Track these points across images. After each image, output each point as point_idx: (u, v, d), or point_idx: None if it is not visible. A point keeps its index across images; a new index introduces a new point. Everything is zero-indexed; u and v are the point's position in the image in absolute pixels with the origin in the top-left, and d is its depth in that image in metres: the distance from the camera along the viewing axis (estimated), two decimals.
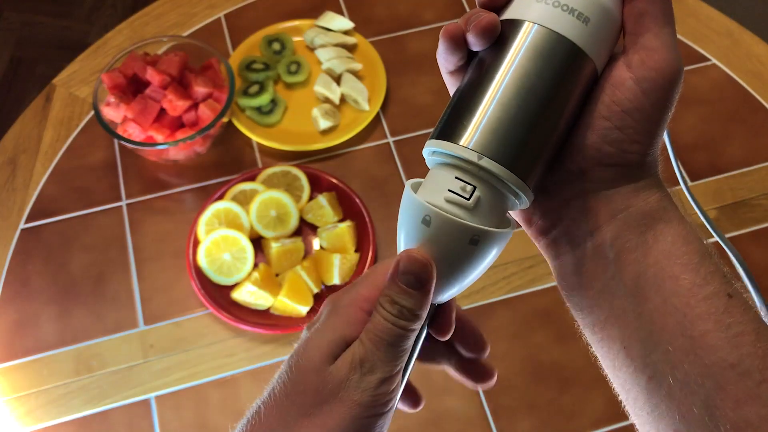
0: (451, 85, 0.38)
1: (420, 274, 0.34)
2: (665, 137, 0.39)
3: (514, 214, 0.39)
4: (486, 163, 0.32)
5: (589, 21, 0.34)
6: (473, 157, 0.32)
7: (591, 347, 0.38)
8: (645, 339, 0.33)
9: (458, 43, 0.35)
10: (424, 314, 0.35)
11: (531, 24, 0.34)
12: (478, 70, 0.35)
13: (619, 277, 0.35)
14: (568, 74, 0.33)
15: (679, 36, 1.05)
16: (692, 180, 0.93)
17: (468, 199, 0.33)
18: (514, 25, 0.34)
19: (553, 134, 0.34)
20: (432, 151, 0.35)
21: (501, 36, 0.34)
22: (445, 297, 0.36)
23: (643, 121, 0.34)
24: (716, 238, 0.41)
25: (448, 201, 0.33)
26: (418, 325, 0.35)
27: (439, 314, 0.39)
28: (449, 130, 0.33)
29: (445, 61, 0.36)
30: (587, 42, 0.34)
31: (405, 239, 0.35)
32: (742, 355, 0.31)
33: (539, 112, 0.33)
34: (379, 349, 0.34)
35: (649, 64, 0.33)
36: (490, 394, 0.79)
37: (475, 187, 0.33)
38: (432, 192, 0.34)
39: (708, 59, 1.04)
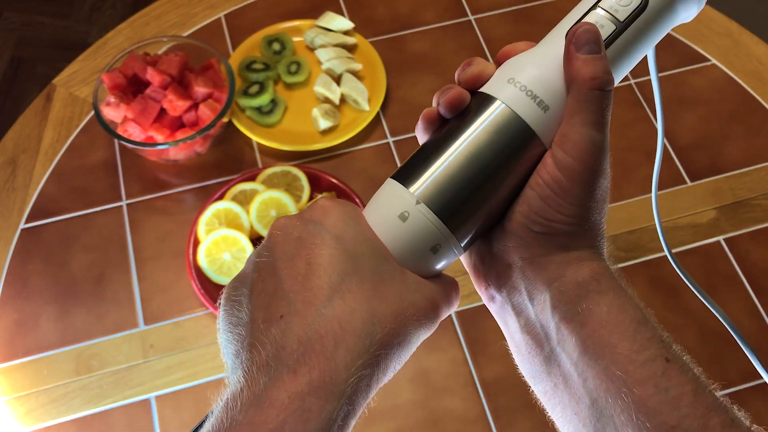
0: None
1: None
2: (663, 142, 0.40)
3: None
4: (421, 208, 0.36)
5: (548, 109, 0.37)
6: (412, 201, 0.37)
7: (548, 414, 0.39)
8: (591, 406, 0.35)
9: (434, 123, 0.40)
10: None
11: (500, 102, 0.38)
12: (443, 130, 0.39)
13: (562, 345, 0.36)
14: (516, 151, 0.37)
15: (679, 36, 1.05)
16: (692, 180, 0.93)
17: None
18: (486, 99, 0.38)
19: (490, 198, 0.37)
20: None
21: (472, 105, 0.38)
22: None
23: (563, 195, 0.36)
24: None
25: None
26: None
27: None
28: (406, 174, 0.38)
29: (422, 137, 0.41)
30: (542, 127, 0.37)
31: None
32: (681, 417, 0.33)
33: (481, 176, 0.37)
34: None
35: (564, 149, 0.36)
36: (490, 394, 0.79)
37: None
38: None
39: (708, 59, 1.04)
